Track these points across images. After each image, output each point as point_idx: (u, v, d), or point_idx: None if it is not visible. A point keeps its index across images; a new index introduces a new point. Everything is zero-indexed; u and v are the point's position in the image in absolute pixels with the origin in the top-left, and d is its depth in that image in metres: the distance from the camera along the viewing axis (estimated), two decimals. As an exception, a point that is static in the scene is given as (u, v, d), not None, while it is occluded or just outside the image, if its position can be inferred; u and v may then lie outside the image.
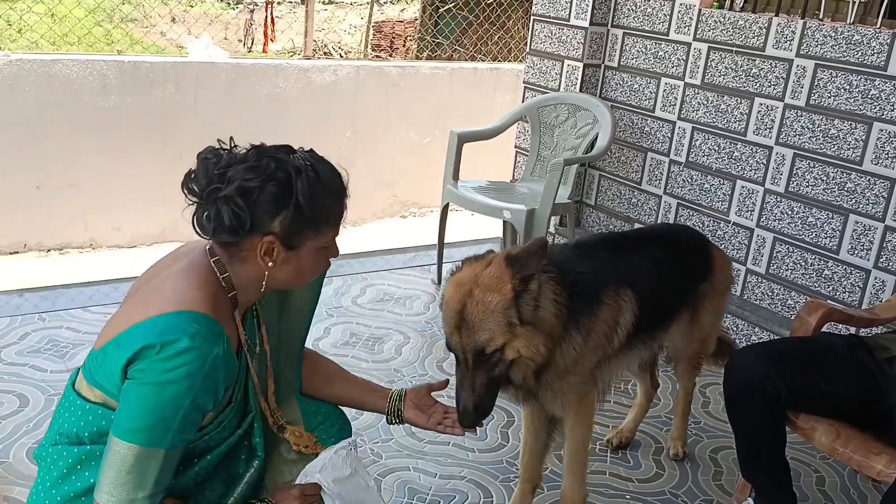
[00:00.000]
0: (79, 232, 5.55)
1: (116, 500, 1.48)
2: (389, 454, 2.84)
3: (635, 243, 2.56)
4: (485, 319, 1.94)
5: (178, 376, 1.46)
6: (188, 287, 1.58)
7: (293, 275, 1.68)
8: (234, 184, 1.55)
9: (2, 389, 3.01)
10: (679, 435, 2.98)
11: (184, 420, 1.50)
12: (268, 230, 1.57)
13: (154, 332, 1.48)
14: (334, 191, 1.65)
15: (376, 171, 6.60)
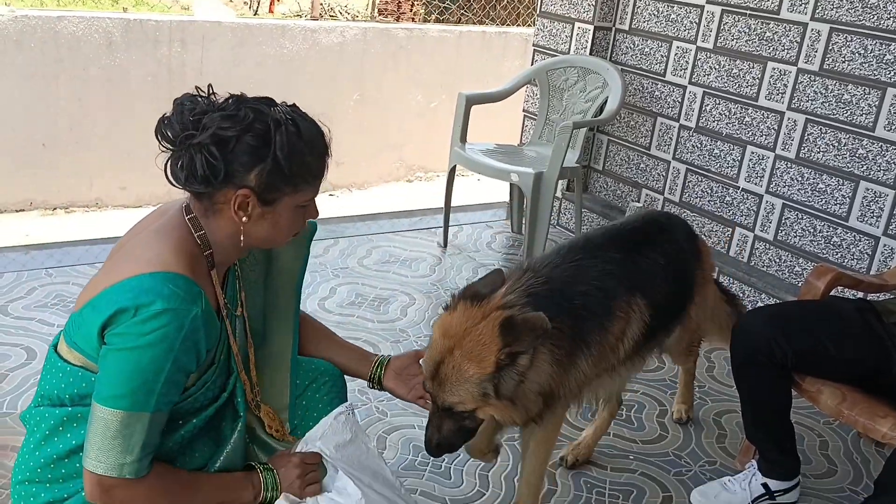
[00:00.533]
0: (84, 191, 5.54)
1: (104, 465, 1.46)
2: (394, 412, 2.86)
3: (640, 242, 2.27)
4: (457, 385, 1.81)
5: (156, 339, 1.43)
6: (163, 247, 1.54)
7: (270, 232, 1.61)
8: (208, 131, 1.49)
9: (9, 343, 3.02)
10: (684, 399, 2.95)
11: (167, 382, 1.47)
12: (242, 183, 1.52)
13: (128, 294, 1.45)
14: (315, 148, 1.58)
15: (383, 135, 6.56)
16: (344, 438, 1.91)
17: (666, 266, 2.21)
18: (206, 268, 1.60)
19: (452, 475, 2.57)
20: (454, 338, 1.81)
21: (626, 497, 2.55)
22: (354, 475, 1.83)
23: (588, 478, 2.62)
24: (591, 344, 1.96)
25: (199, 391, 1.61)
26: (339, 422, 1.92)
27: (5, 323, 3.15)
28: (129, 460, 1.46)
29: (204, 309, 1.49)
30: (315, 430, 1.88)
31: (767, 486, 2.47)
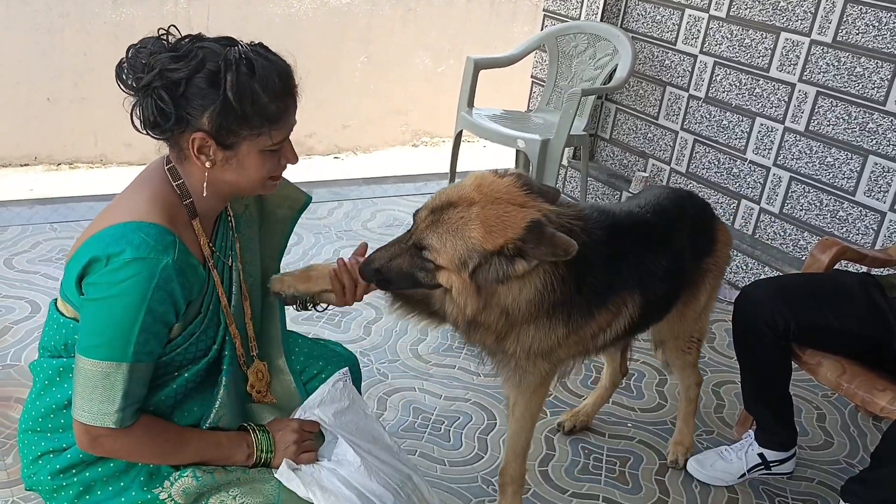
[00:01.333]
0: (89, 147, 5.52)
1: (89, 414, 1.46)
2: (395, 375, 2.87)
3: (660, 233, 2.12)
4: (450, 235, 1.69)
5: (127, 288, 1.43)
6: (139, 197, 1.53)
7: (237, 177, 1.55)
8: (154, 71, 1.43)
9: (13, 296, 3.03)
10: (680, 440, 2.64)
11: (143, 332, 1.45)
12: (197, 126, 1.47)
13: (101, 244, 1.45)
14: (272, 87, 1.48)
15: (389, 99, 6.52)
16: (342, 405, 1.90)
17: (672, 268, 2.10)
18: (187, 217, 1.58)
19: (451, 437, 2.59)
20: (485, 197, 1.69)
21: (623, 463, 2.58)
22: (353, 441, 1.83)
23: (586, 444, 2.64)
24: (572, 319, 1.87)
25: (186, 342, 1.59)
26: (336, 389, 1.91)
27: (9, 276, 3.16)
28: (111, 410, 1.46)
29: (177, 258, 1.47)
30: (313, 398, 1.87)
31: (764, 455, 2.49)
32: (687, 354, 2.52)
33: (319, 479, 1.71)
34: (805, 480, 2.59)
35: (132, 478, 1.58)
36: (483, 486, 2.40)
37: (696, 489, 2.50)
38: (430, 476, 2.40)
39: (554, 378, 2.12)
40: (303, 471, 1.69)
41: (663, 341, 2.49)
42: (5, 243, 3.40)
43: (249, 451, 1.66)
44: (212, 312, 1.64)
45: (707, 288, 2.36)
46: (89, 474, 1.58)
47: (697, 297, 2.35)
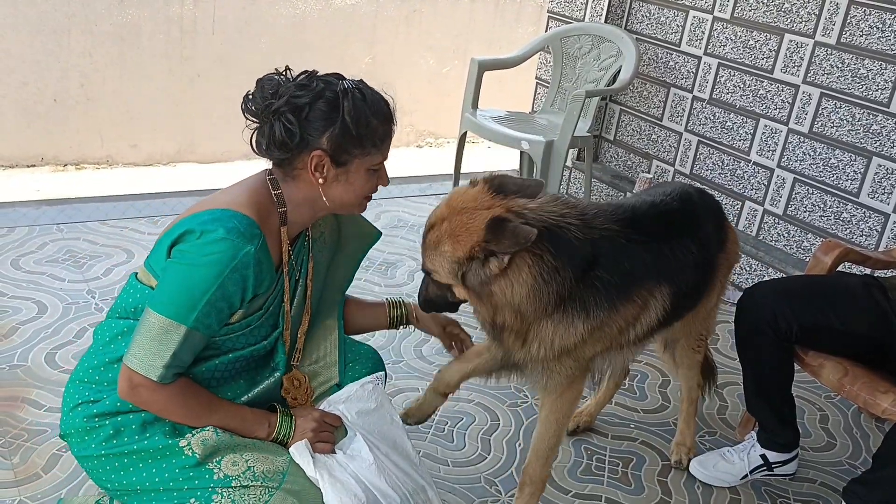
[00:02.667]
0: (95, 147, 5.55)
1: (138, 361, 1.62)
2: (399, 375, 2.89)
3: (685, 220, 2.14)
4: (433, 254, 1.84)
5: (210, 262, 1.61)
6: (239, 193, 1.73)
7: (344, 193, 1.75)
8: (283, 98, 1.66)
9: (20, 296, 3.05)
10: (681, 441, 2.64)
11: (208, 304, 1.62)
12: (317, 146, 1.68)
13: (198, 220, 1.65)
14: (380, 112, 1.72)
15: (394, 99, 6.53)
16: (368, 406, 1.94)
17: (697, 256, 2.10)
18: (278, 223, 1.76)
19: (455, 438, 2.60)
20: (452, 210, 1.82)
21: (626, 464, 2.58)
22: (372, 442, 1.85)
23: (589, 444, 2.65)
24: (591, 313, 1.89)
25: (241, 331, 1.76)
26: (365, 390, 1.95)
27: (17, 277, 3.18)
28: (158, 364, 1.62)
29: (258, 249, 1.65)
30: (340, 393, 1.93)
31: (766, 457, 2.50)
32: (696, 353, 2.54)
33: (330, 467, 1.75)
34: (807, 482, 2.59)
35: (158, 428, 1.72)
36: (486, 487, 2.41)
37: (698, 490, 2.51)
38: (433, 477, 2.41)
39: (584, 380, 2.12)
40: (316, 457, 1.77)
41: (676, 340, 2.49)
42: (12, 244, 3.42)
43: (270, 430, 1.80)
44: (271, 313, 1.81)
45: (718, 285, 2.37)
46: (121, 419, 1.72)
47: (711, 294, 2.35)
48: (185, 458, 1.70)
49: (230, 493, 1.69)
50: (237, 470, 1.70)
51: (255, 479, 1.69)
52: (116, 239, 3.58)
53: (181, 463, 1.70)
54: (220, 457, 1.72)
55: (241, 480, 1.69)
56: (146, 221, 3.80)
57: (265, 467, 1.71)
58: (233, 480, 1.69)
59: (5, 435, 2.37)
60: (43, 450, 2.32)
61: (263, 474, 1.70)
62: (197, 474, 1.70)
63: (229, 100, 5.73)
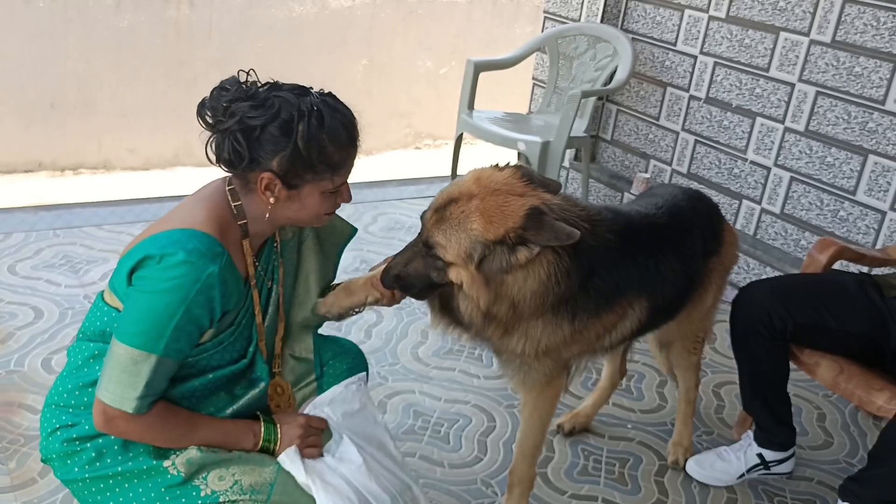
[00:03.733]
0: (93, 152, 5.55)
1: (111, 395, 1.58)
2: (396, 378, 2.89)
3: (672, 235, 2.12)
4: (453, 230, 1.74)
5: (172, 286, 1.55)
6: (197, 210, 1.67)
7: (297, 213, 1.70)
8: (235, 118, 1.59)
9: (17, 301, 3.06)
10: (678, 441, 2.65)
11: (176, 329, 1.57)
12: (267, 167, 1.61)
13: (157, 244, 1.58)
14: (337, 138, 1.64)
15: (391, 101, 6.53)
16: (352, 407, 1.93)
17: (679, 273, 2.09)
18: (239, 236, 1.71)
19: (451, 440, 2.60)
20: (484, 189, 1.74)
21: (623, 464, 2.58)
22: (358, 443, 1.85)
23: (585, 445, 2.65)
24: (578, 317, 1.89)
25: (214, 349, 1.71)
26: (349, 390, 1.95)
27: (13, 282, 3.19)
28: (131, 396, 1.57)
29: (222, 268, 1.59)
30: (325, 396, 1.92)
31: (763, 456, 2.49)
32: (692, 355, 2.54)
33: (321, 472, 1.75)
34: (804, 480, 2.59)
35: (140, 448, 1.69)
36: (482, 489, 2.41)
37: (695, 490, 2.50)
38: (430, 478, 2.41)
39: (563, 379, 2.12)
40: (306, 462, 1.75)
41: (670, 342, 2.50)
42: (9, 249, 3.43)
43: (256, 440, 1.76)
44: (244, 327, 1.76)
45: (713, 288, 2.36)
46: (102, 441, 1.69)
47: (704, 298, 2.35)
48: (170, 478, 1.67)
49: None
50: (224, 485, 1.68)
51: (243, 493, 1.68)
52: (113, 244, 3.58)
53: (167, 483, 1.67)
54: (206, 472, 1.69)
55: (229, 495, 1.67)
56: (143, 226, 3.78)
57: (252, 480, 1.69)
58: (220, 496, 1.67)
59: (2, 440, 2.37)
60: (39, 455, 2.32)
61: (251, 487, 1.68)
62: (183, 493, 1.67)
63: (227, 103, 5.78)
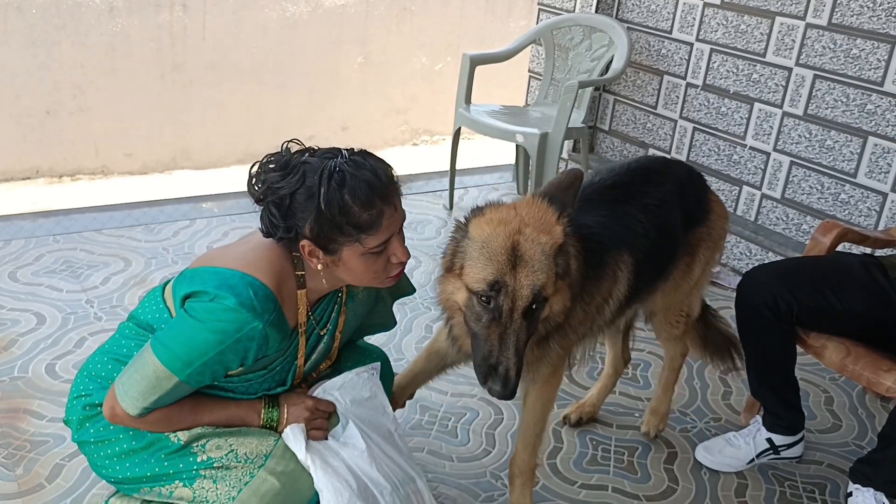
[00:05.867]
0: (90, 158, 5.54)
1: (124, 393, 1.67)
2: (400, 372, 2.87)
3: (630, 190, 2.15)
4: (542, 260, 1.71)
5: (216, 328, 1.62)
6: (263, 255, 1.71)
7: (348, 276, 1.74)
8: (265, 187, 1.66)
9: (19, 308, 3.05)
10: (655, 408, 2.65)
11: (204, 365, 1.64)
12: (304, 234, 1.66)
13: (216, 282, 1.65)
14: (360, 197, 1.62)
15: (387, 99, 6.52)
16: (362, 395, 1.95)
17: (655, 223, 2.10)
18: (295, 286, 1.75)
19: (459, 433, 2.59)
20: (513, 221, 1.74)
21: (632, 453, 2.58)
22: (364, 430, 1.86)
23: (594, 435, 2.65)
24: (584, 293, 1.91)
25: (240, 383, 1.80)
26: (360, 378, 1.96)
27: (15, 289, 3.17)
28: (139, 404, 1.67)
29: (267, 323, 1.64)
30: (336, 380, 1.94)
31: (772, 440, 2.49)
32: (674, 328, 2.50)
33: (322, 453, 1.76)
34: (814, 464, 2.58)
35: None
36: (492, 481, 2.40)
37: (704, 476, 2.50)
38: (439, 472, 2.41)
39: (564, 367, 2.13)
40: (309, 442, 1.79)
41: (654, 313, 2.47)
42: (9, 256, 3.42)
43: (260, 419, 1.83)
44: (278, 371, 1.83)
45: (701, 260, 2.35)
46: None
47: (692, 269, 2.35)
48: (171, 444, 1.76)
49: (213, 474, 1.75)
50: (220, 453, 1.76)
51: (238, 461, 1.75)
52: (114, 248, 3.57)
53: (167, 449, 1.76)
54: (206, 441, 1.77)
55: (224, 462, 1.75)
56: (143, 229, 3.79)
57: (248, 450, 1.77)
58: (215, 462, 1.75)
59: (8, 447, 2.36)
60: (46, 460, 2.31)
61: (246, 456, 1.76)
62: (181, 458, 1.76)
63: (222, 105, 5.77)
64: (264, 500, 1.73)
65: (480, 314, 1.73)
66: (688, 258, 2.32)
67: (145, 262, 3.47)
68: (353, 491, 1.73)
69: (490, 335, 1.72)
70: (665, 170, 2.29)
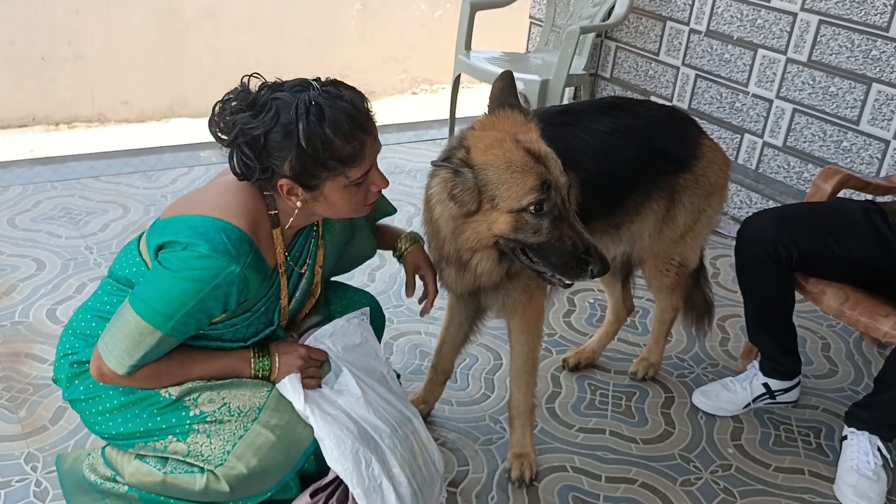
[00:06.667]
0: (86, 105, 5.49)
1: (109, 355, 1.63)
2: (401, 319, 2.89)
3: (579, 117, 2.16)
4: (550, 151, 1.77)
5: (191, 276, 1.57)
6: (232, 198, 1.66)
7: (329, 210, 1.70)
8: (237, 129, 1.59)
9: (18, 254, 3.05)
10: (648, 356, 2.67)
11: (186, 315, 1.60)
12: (281, 173, 1.60)
13: (187, 231, 1.59)
14: (341, 129, 1.58)
15: (386, 46, 6.43)
16: (353, 341, 1.95)
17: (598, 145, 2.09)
18: (270, 226, 1.70)
19: (458, 378, 2.62)
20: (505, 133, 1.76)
21: (630, 398, 2.60)
22: (358, 376, 1.87)
23: (591, 380, 2.67)
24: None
25: (225, 329, 1.76)
26: (351, 324, 1.96)
27: (13, 235, 3.17)
28: (126, 361, 1.63)
29: (245, 266, 1.60)
30: (326, 328, 1.93)
31: (768, 385, 2.51)
32: (665, 277, 2.45)
33: (319, 403, 1.77)
34: (810, 408, 2.61)
35: None
36: (491, 425, 2.43)
37: (701, 420, 2.52)
38: (438, 416, 2.43)
39: (543, 295, 2.10)
40: (306, 392, 1.78)
41: (643, 259, 2.43)
42: (7, 203, 3.41)
43: (251, 369, 1.80)
44: (263, 312, 1.78)
45: (686, 207, 2.30)
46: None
47: (673, 215, 2.30)
48: (162, 399, 1.74)
49: (206, 429, 1.73)
50: (213, 406, 1.74)
51: (231, 415, 1.73)
52: (112, 195, 3.56)
53: (159, 404, 1.74)
54: (198, 395, 1.75)
55: (217, 416, 1.73)
56: (141, 176, 3.77)
57: (241, 403, 1.75)
58: (208, 416, 1.74)
59: (11, 389, 2.38)
60: (49, 403, 2.34)
61: (239, 410, 1.74)
62: (174, 413, 1.74)
63: (219, 52, 5.69)
64: (259, 453, 1.71)
65: (539, 224, 1.74)
66: (666, 202, 2.28)
67: (144, 209, 3.46)
68: (354, 437, 1.74)
69: (562, 233, 1.75)
70: (630, 106, 2.27)
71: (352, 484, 1.71)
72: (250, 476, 1.71)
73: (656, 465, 2.33)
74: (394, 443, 1.82)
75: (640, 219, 2.29)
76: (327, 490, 1.80)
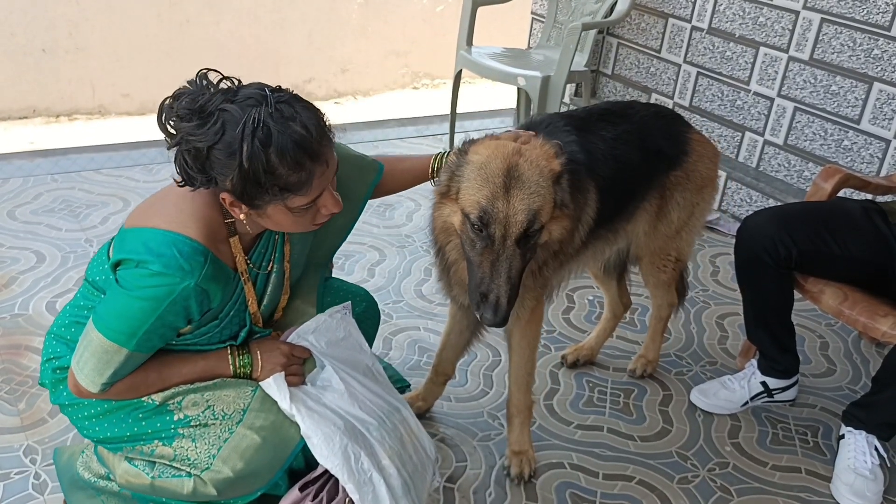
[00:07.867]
0: (87, 98, 5.48)
1: (80, 370, 1.62)
2: (400, 315, 2.89)
3: (585, 123, 2.14)
4: (539, 182, 1.68)
5: (146, 295, 1.55)
6: (186, 208, 1.60)
7: (275, 226, 1.64)
8: (180, 136, 1.52)
9: (18, 246, 3.05)
10: (646, 353, 2.69)
11: (148, 332, 1.58)
12: (223, 188, 1.54)
13: (139, 246, 1.56)
14: (286, 156, 1.49)
15: (388, 41, 6.42)
16: (337, 336, 1.93)
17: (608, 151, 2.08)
18: (227, 234, 1.66)
19: (457, 374, 2.61)
20: (511, 147, 1.73)
21: (628, 395, 2.60)
22: (342, 370, 1.86)
23: (590, 377, 2.67)
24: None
25: (195, 339, 1.73)
26: (333, 319, 1.94)
27: (13, 227, 3.17)
28: (98, 380, 1.62)
29: (201, 279, 1.56)
30: (308, 324, 1.91)
31: (766, 384, 2.52)
32: (661, 273, 2.48)
33: (304, 401, 1.76)
34: (807, 407, 2.61)
35: None
36: (489, 421, 2.43)
37: (699, 418, 2.53)
38: (437, 412, 2.44)
39: (543, 302, 2.12)
40: (291, 390, 1.77)
41: (640, 257, 2.46)
42: (7, 195, 3.41)
43: (231, 368, 1.78)
44: (231, 318, 1.75)
45: (679, 203, 2.32)
46: None
47: (667, 211, 2.32)
48: (145, 405, 1.73)
49: (191, 433, 1.72)
50: (197, 410, 1.73)
51: (215, 418, 1.72)
52: (112, 188, 3.56)
53: (143, 409, 1.73)
54: (182, 398, 1.74)
55: (201, 419, 1.72)
56: (141, 170, 3.77)
57: (225, 405, 1.73)
58: (192, 420, 1.72)
59: (10, 382, 2.38)
60: (48, 396, 2.32)
61: (223, 412, 1.73)
62: (158, 418, 1.73)
63: (220, 45, 5.68)
64: (245, 455, 1.70)
65: (474, 240, 1.72)
66: (658, 200, 2.30)
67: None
68: (342, 432, 1.73)
69: (483, 262, 1.70)
70: (624, 111, 2.26)
71: (343, 479, 1.71)
72: (237, 479, 1.69)
73: (654, 462, 2.33)
74: (382, 434, 1.82)
75: (634, 219, 2.31)
76: (317, 483, 1.80)
